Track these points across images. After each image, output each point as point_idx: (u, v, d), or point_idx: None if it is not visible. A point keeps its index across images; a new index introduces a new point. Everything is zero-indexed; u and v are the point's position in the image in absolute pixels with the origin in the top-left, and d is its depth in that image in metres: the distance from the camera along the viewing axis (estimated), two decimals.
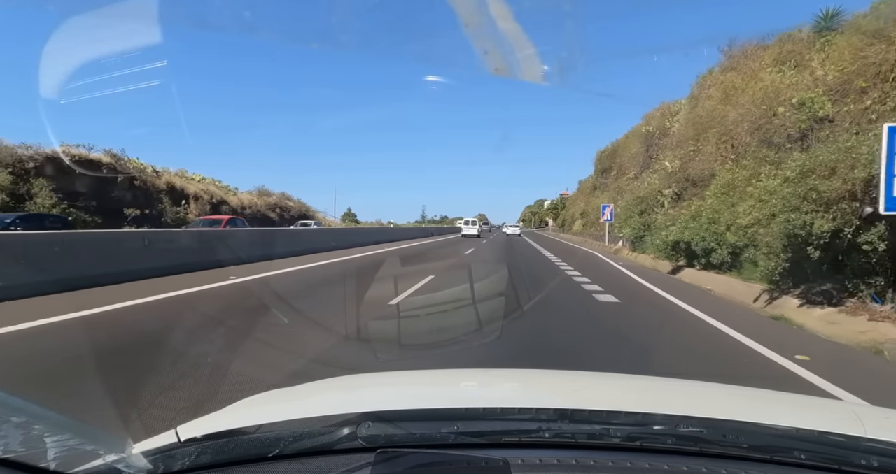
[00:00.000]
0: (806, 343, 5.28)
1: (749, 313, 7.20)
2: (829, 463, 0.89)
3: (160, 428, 1.18)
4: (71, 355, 4.15)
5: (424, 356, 4.21)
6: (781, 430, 1.00)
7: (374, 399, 1.39)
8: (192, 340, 4.64)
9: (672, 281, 11.08)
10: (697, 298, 8.32)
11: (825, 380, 3.87)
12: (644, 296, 8.56)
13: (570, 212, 57.63)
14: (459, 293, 6.92)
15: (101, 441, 0.90)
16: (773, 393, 1.46)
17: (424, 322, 5.81)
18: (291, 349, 4.39)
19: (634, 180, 28.83)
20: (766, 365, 4.38)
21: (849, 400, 3.36)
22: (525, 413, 1.10)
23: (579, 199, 52.72)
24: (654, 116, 29.14)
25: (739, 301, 8.22)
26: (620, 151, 36.86)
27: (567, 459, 0.91)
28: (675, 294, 8.56)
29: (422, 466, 0.84)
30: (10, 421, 0.81)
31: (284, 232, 19.48)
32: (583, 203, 48.37)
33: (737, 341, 5.19)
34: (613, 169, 38.03)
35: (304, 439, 0.95)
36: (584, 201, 47.82)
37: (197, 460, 0.90)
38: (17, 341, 4.53)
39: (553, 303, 7.28)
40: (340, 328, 5.20)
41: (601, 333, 5.53)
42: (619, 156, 36.71)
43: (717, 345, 5.10)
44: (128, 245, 9.37)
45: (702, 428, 0.98)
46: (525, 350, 4.56)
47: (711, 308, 7.26)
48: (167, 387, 3.32)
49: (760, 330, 5.76)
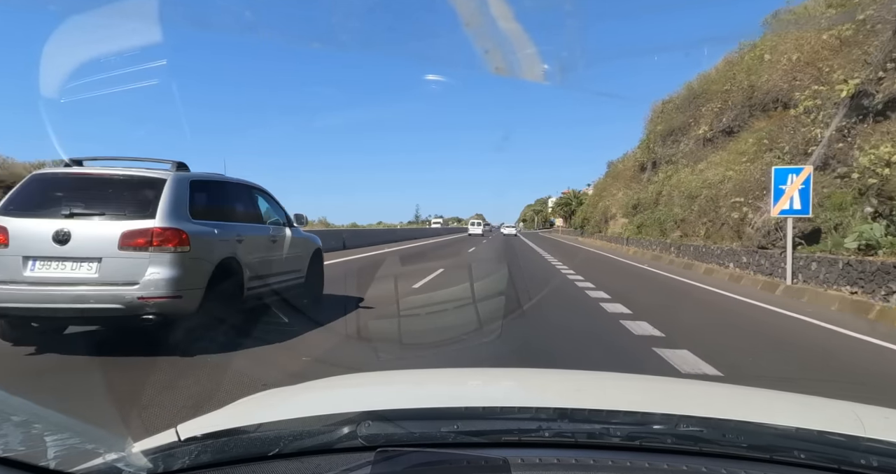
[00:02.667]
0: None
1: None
2: (828, 463, 0.89)
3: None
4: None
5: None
6: (781, 430, 1.00)
7: (374, 398, 1.39)
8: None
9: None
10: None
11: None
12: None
13: (597, 207, 39.23)
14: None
15: (101, 440, 0.90)
16: (773, 392, 1.46)
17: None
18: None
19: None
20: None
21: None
22: (525, 412, 1.10)
23: (612, 187, 36.75)
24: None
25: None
26: (714, 88, 21.28)
27: (567, 458, 0.91)
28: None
29: (421, 465, 0.84)
30: (10, 419, 0.82)
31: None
32: (623, 192, 32.40)
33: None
34: (694, 125, 22.29)
35: (303, 438, 0.95)
36: (623, 188, 32.64)
37: (197, 459, 0.90)
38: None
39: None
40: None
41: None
42: (711, 99, 21.15)
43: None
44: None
45: (701, 428, 0.98)
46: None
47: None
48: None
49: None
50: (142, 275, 3.96)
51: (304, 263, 6.47)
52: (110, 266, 3.97)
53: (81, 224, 4.02)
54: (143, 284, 3.96)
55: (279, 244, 5.87)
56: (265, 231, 5.68)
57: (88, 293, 3.92)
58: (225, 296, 4.57)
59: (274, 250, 5.74)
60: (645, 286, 10.48)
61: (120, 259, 3.98)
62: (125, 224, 4.04)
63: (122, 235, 3.98)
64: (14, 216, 4.04)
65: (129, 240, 3.98)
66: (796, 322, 6.63)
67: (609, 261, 17.88)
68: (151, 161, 4.86)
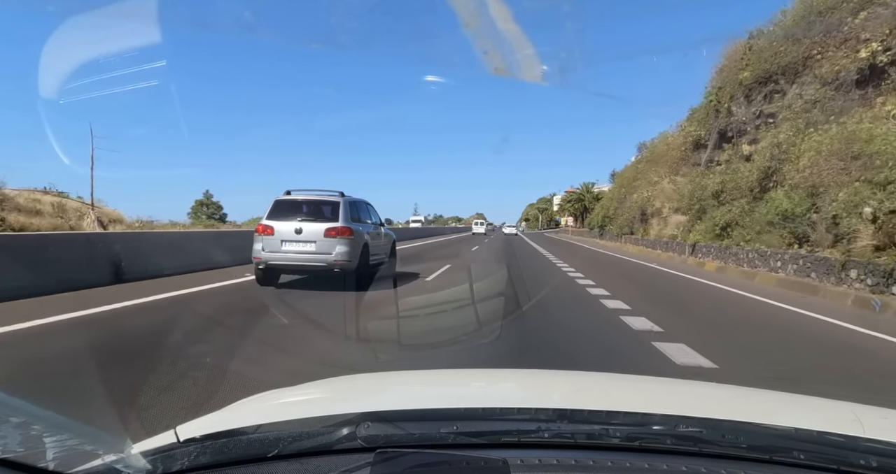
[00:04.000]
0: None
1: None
2: (828, 464, 0.89)
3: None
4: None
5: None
6: (780, 430, 1.00)
7: (374, 399, 1.39)
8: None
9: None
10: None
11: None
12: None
13: (627, 201, 29.75)
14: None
15: (100, 441, 0.90)
16: (772, 392, 1.46)
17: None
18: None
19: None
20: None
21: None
22: (524, 413, 1.10)
23: (649, 174, 27.47)
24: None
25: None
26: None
27: (566, 459, 0.91)
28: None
29: (421, 466, 0.84)
30: (9, 421, 0.81)
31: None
32: (670, 180, 24.21)
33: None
34: (825, 57, 14.04)
35: (303, 439, 0.95)
36: (670, 174, 24.85)
37: (196, 460, 0.90)
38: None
39: None
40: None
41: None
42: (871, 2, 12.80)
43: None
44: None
45: (701, 429, 0.98)
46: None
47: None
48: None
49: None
50: (333, 250, 7.83)
51: (388, 249, 10.32)
52: (320, 245, 7.85)
53: (307, 224, 7.97)
54: (334, 254, 7.83)
55: (379, 237, 9.68)
56: (375, 229, 9.43)
57: (310, 258, 7.88)
58: (364, 262, 8.45)
59: (378, 240, 9.50)
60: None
61: (324, 241, 7.84)
62: (326, 224, 7.96)
63: (325, 229, 7.88)
64: (275, 220, 8.02)
65: (329, 232, 7.86)
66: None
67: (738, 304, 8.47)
68: (326, 191, 8.67)
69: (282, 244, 7.84)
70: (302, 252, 7.82)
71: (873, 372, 4.48)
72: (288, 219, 7.94)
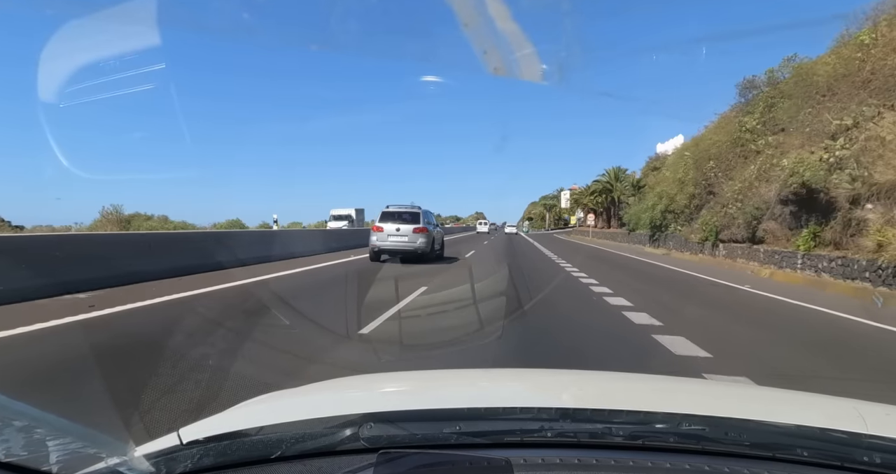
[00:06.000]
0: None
1: None
2: (831, 460, 0.89)
3: None
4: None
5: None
6: (783, 428, 1.00)
7: (376, 399, 1.39)
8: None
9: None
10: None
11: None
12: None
13: (728, 184, 17.14)
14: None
15: (103, 444, 0.90)
16: (775, 390, 1.46)
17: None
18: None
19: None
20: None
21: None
22: (527, 412, 1.10)
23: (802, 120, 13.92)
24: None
25: None
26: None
27: (569, 458, 0.91)
28: None
29: (424, 466, 0.84)
30: (13, 424, 0.81)
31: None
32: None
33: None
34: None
35: (306, 440, 0.95)
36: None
37: (199, 462, 0.90)
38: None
39: None
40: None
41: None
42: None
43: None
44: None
45: (704, 426, 0.98)
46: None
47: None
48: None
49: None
50: (417, 241, 13.51)
51: (441, 241, 15.96)
52: (410, 238, 13.48)
53: (402, 225, 13.59)
54: (417, 244, 13.52)
55: (439, 233, 15.60)
56: (435, 228, 15.14)
57: (404, 245, 13.47)
58: (432, 248, 14.25)
59: (438, 235, 15.33)
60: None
61: (412, 236, 13.50)
62: (413, 225, 13.64)
63: (413, 229, 13.55)
64: (384, 223, 13.80)
65: (415, 230, 13.56)
66: None
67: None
68: (410, 205, 14.52)
69: (388, 237, 13.53)
70: (399, 242, 13.44)
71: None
72: (391, 222, 13.64)
